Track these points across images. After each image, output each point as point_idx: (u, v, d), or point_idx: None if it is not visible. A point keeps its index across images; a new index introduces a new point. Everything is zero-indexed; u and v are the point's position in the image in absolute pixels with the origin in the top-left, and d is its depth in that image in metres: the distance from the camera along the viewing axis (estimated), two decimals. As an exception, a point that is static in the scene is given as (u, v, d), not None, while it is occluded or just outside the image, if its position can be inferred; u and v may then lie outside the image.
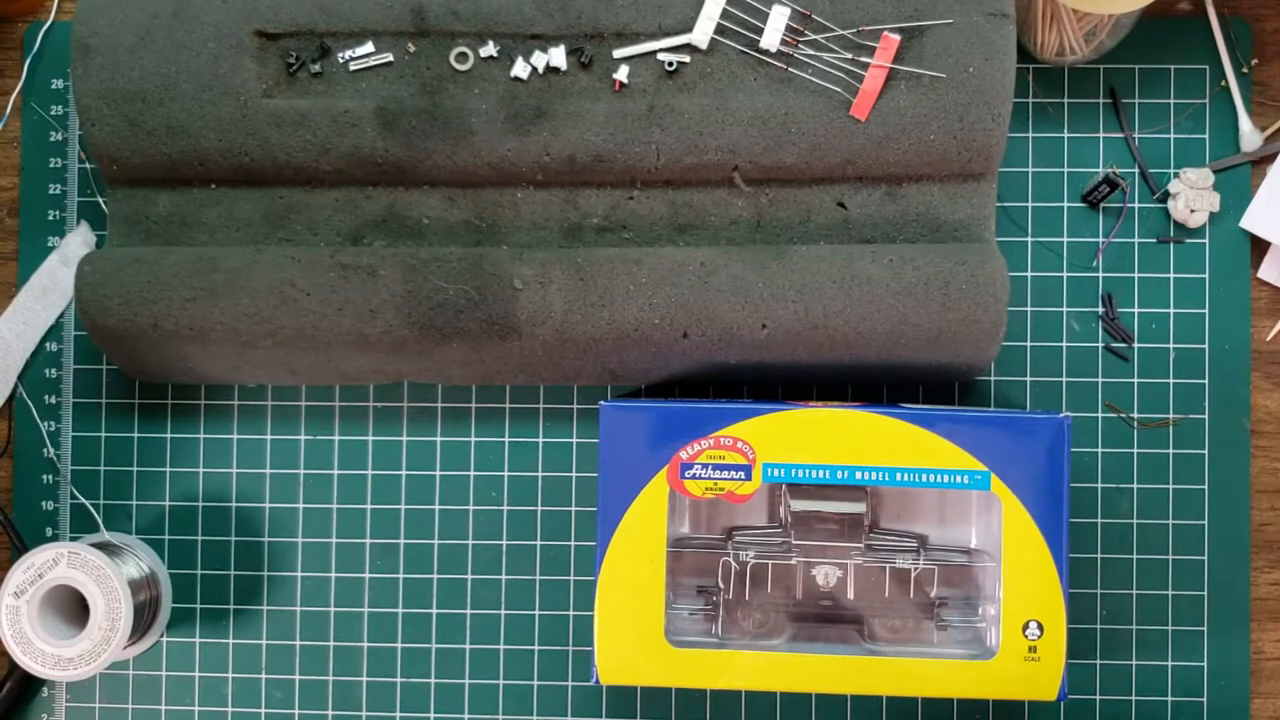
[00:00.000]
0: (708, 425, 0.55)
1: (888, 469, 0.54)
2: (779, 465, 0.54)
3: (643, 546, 0.54)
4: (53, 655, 0.59)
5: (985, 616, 0.56)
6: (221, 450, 0.66)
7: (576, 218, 0.62)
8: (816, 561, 0.57)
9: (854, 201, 0.61)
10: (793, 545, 0.57)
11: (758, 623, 0.57)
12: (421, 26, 0.60)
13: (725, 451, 0.54)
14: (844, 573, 0.57)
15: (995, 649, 0.53)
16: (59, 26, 0.67)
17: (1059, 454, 0.53)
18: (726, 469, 0.54)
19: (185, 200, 0.62)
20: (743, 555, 0.57)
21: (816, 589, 0.57)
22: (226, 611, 0.65)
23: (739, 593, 0.57)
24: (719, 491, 0.54)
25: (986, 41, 0.59)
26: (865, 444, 0.54)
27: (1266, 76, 0.65)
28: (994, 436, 0.53)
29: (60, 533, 0.66)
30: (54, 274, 0.66)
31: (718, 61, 0.60)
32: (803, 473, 0.54)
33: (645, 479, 0.55)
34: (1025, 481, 0.53)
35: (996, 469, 0.53)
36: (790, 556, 0.57)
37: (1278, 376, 0.64)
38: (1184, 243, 0.64)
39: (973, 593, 0.57)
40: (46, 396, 0.66)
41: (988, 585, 0.56)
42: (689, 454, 0.55)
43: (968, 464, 0.53)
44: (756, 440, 0.54)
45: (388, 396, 0.65)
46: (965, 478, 0.53)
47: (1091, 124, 0.65)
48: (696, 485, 0.55)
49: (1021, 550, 0.53)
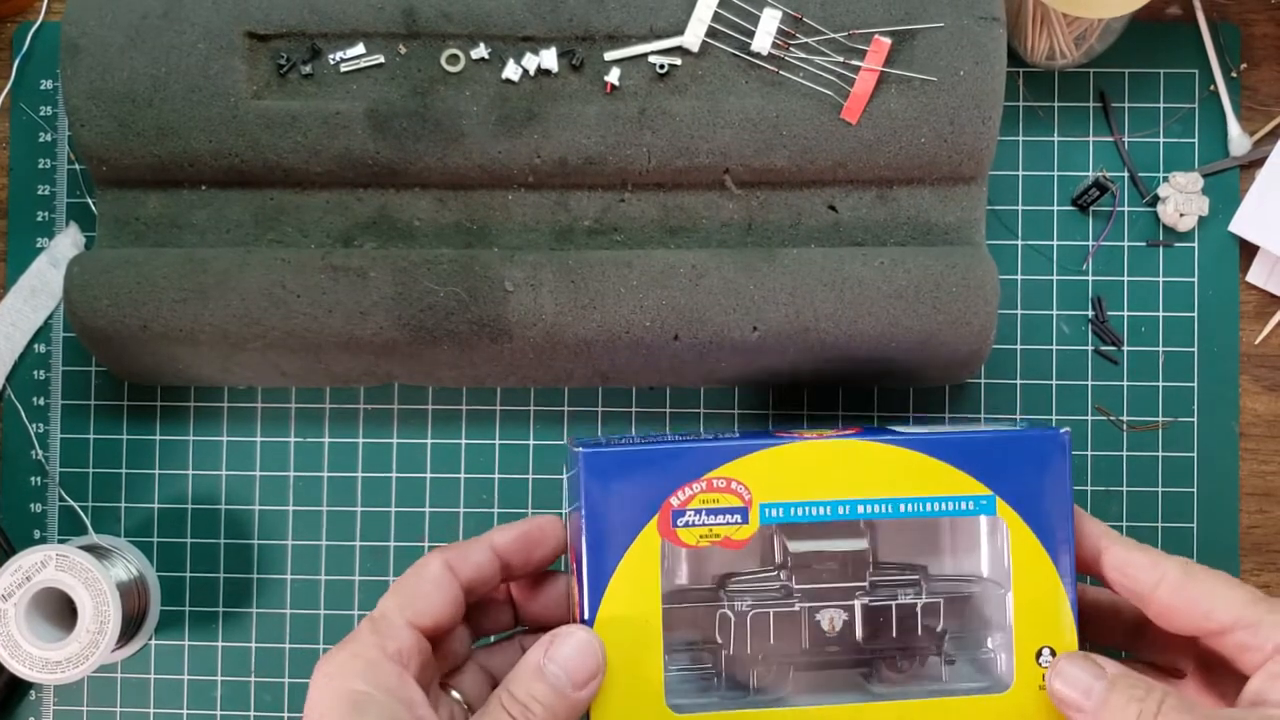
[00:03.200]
0: (698, 466, 0.50)
1: (891, 500, 0.50)
2: (777, 505, 0.50)
3: (636, 607, 0.49)
4: (40, 658, 0.59)
5: (993, 646, 0.53)
6: (211, 452, 0.66)
7: (567, 220, 0.62)
8: (820, 606, 0.53)
9: (845, 204, 0.61)
10: (793, 589, 0.53)
11: (761, 677, 0.53)
12: (412, 28, 0.60)
13: (719, 494, 0.50)
14: (849, 615, 0.53)
15: (1007, 680, 0.51)
16: (48, 27, 0.67)
17: (1062, 472, 0.51)
18: (721, 513, 0.50)
19: (175, 201, 0.62)
20: (739, 605, 0.53)
21: (822, 635, 0.53)
22: (216, 614, 0.65)
23: (739, 647, 0.53)
24: (715, 539, 0.50)
25: (977, 45, 0.59)
26: (865, 475, 0.51)
27: (1255, 81, 0.65)
28: (997, 457, 0.51)
29: (48, 535, 0.66)
30: (43, 275, 0.66)
31: (709, 64, 0.60)
32: (803, 510, 0.50)
33: (636, 529, 0.50)
34: (1031, 502, 0.51)
35: (1001, 491, 0.51)
36: (792, 603, 0.53)
37: (1266, 379, 0.65)
38: (1173, 246, 0.65)
39: (977, 622, 0.54)
40: (35, 398, 0.66)
41: (992, 613, 0.53)
42: (680, 499, 0.50)
43: (971, 489, 0.51)
44: (751, 479, 0.50)
45: (378, 399, 0.65)
46: (970, 504, 0.51)
47: (1081, 128, 0.65)
48: (690, 534, 0.50)
49: (1030, 574, 0.51)
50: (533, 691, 0.46)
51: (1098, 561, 0.51)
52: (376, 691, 0.45)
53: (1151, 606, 0.50)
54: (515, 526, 0.52)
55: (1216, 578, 0.49)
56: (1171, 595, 0.49)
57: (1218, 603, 0.48)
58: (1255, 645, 0.47)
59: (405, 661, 0.47)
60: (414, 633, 0.48)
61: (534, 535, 0.52)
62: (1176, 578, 0.49)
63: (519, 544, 0.52)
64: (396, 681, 0.46)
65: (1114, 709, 0.46)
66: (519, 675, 0.47)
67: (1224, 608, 0.48)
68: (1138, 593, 0.50)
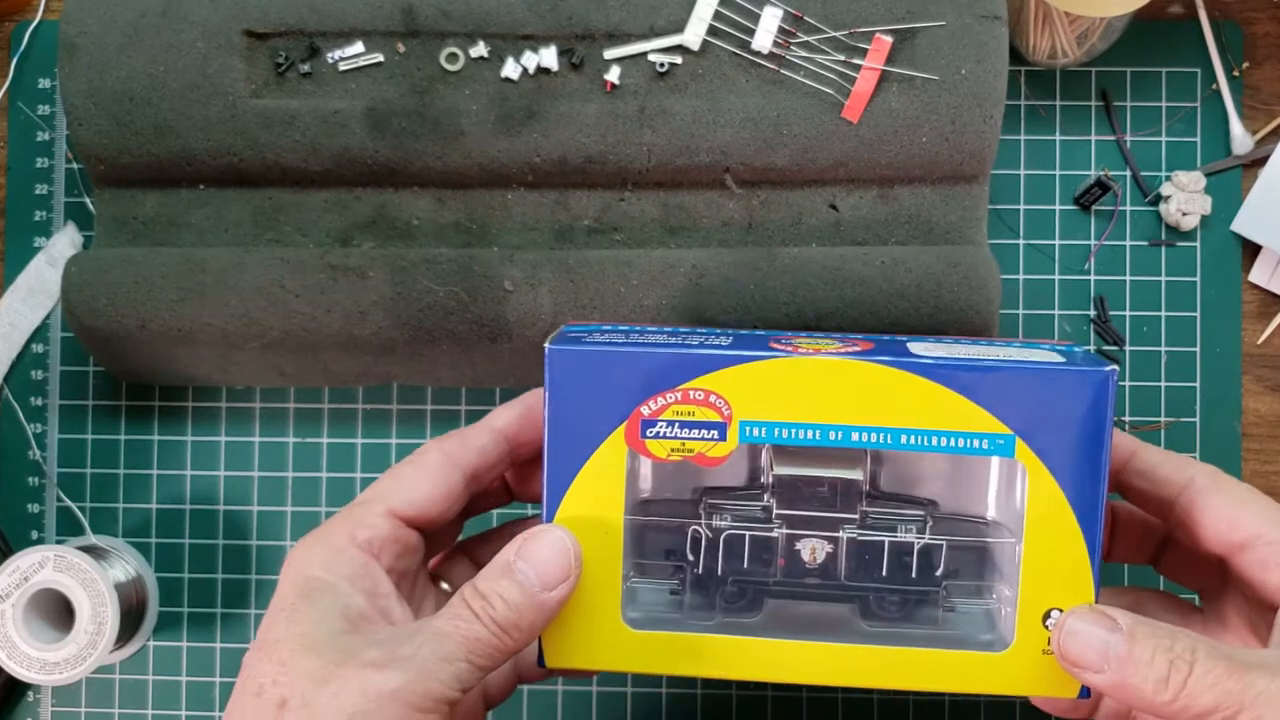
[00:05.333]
0: (675, 375, 0.46)
1: (890, 429, 0.45)
2: (760, 424, 0.46)
3: (597, 514, 0.46)
4: (38, 659, 0.59)
5: (1000, 599, 0.49)
6: (209, 453, 0.65)
7: (567, 219, 0.62)
8: (802, 534, 0.49)
9: (846, 203, 0.61)
10: (775, 514, 0.49)
11: (730, 597, 0.49)
12: (411, 27, 0.60)
13: (695, 407, 0.46)
14: (834, 548, 0.49)
15: (1009, 639, 0.46)
16: (46, 25, 0.66)
17: (1100, 417, 0.44)
18: (696, 427, 0.46)
19: (173, 201, 0.62)
20: (716, 522, 0.49)
21: (802, 565, 0.49)
22: (214, 615, 0.65)
23: (710, 567, 0.49)
24: (687, 453, 0.46)
25: (979, 44, 0.59)
26: (865, 400, 0.45)
27: (1257, 80, 0.65)
28: (1021, 393, 0.45)
29: (46, 536, 0.65)
30: (40, 275, 0.66)
31: (709, 63, 0.60)
32: (788, 432, 0.46)
33: (601, 436, 0.46)
34: (1057, 448, 0.45)
35: (1023, 432, 0.45)
36: (772, 528, 0.49)
37: (1269, 380, 0.64)
38: (1175, 246, 0.65)
39: (987, 572, 0.49)
40: (32, 398, 0.66)
41: (1005, 565, 0.48)
42: (651, 409, 0.46)
43: (988, 425, 0.45)
44: (733, 394, 0.46)
45: (377, 399, 0.65)
46: (984, 442, 0.45)
47: (1084, 126, 0.65)
48: (660, 446, 0.46)
49: (1048, 528, 0.45)
50: (498, 588, 0.44)
51: (1124, 468, 0.48)
52: (334, 579, 0.44)
53: (1175, 512, 0.47)
54: (515, 404, 0.50)
55: (1245, 488, 0.46)
56: (1197, 499, 0.46)
57: (1245, 512, 0.45)
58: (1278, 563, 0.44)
59: (375, 550, 0.45)
60: (392, 521, 0.46)
61: (537, 409, 0.49)
62: (1205, 482, 0.46)
63: (522, 421, 0.49)
64: (359, 570, 0.44)
65: (1139, 664, 0.41)
66: (487, 571, 0.44)
67: (1250, 518, 0.45)
68: (1164, 498, 0.47)
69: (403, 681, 0.41)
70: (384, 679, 0.41)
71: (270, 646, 0.42)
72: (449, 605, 0.44)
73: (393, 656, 0.41)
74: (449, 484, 0.48)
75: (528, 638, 0.44)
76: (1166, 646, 0.41)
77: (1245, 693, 0.40)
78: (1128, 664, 0.41)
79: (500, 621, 0.43)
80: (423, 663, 0.41)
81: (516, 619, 0.44)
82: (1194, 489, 0.46)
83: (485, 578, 0.44)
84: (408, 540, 0.47)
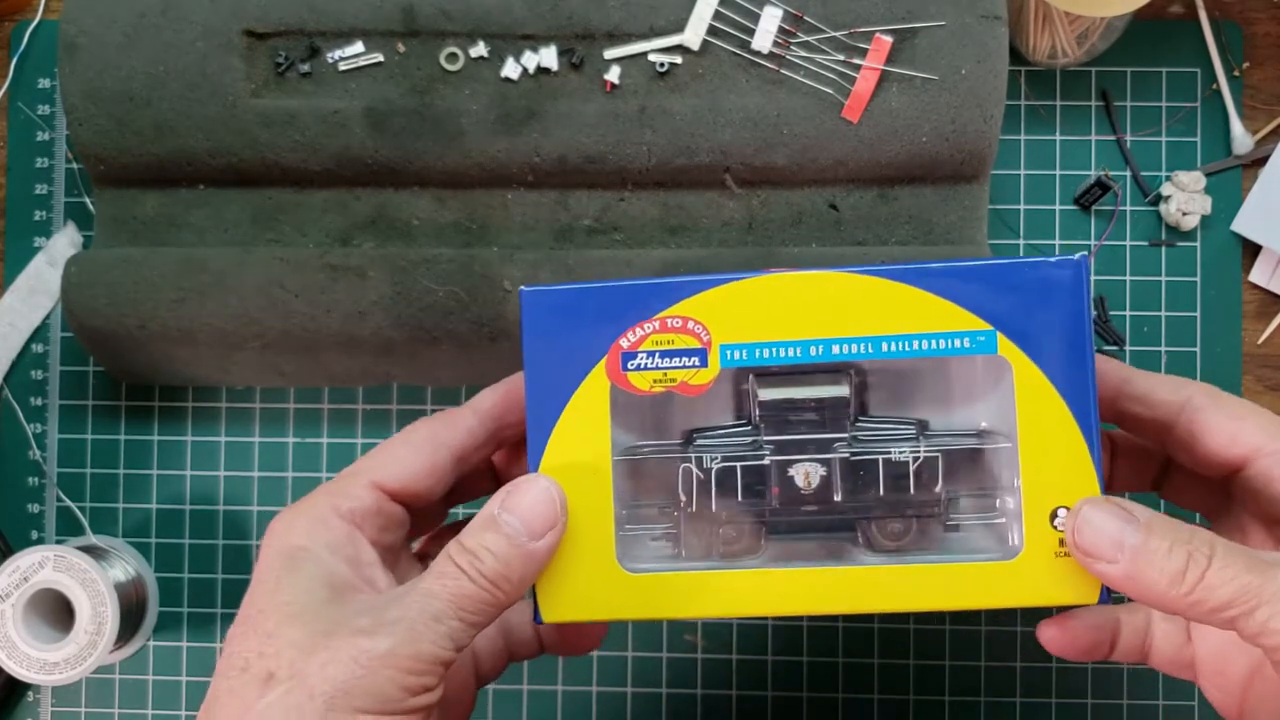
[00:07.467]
0: (651, 304, 0.45)
1: (871, 339, 0.44)
2: (739, 346, 0.45)
3: (583, 456, 0.45)
4: (38, 659, 0.59)
5: (1005, 512, 0.47)
6: (209, 453, 0.65)
7: (567, 219, 0.62)
8: (794, 459, 0.48)
9: (846, 203, 0.61)
10: (764, 442, 0.48)
11: (729, 539, 0.48)
12: (411, 26, 0.60)
13: (674, 334, 0.45)
14: (828, 470, 0.47)
15: (1019, 549, 0.44)
16: (46, 25, 0.66)
17: (1078, 300, 0.44)
18: (677, 355, 0.45)
19: (173, 201, 0.62)
20: (706, 460, 0.48)
21: (797, 492, 0.48)
22: (214, 615, 0.65)
23: (704, 505, 0.48)
24: (670, 383, 0.45)
25: (979, 43, 0.59)
26: (843, 311, 0.44)
27: (1257, 80, 0.65)
28: (997, 288, 0.44)
29: (46, 536, 0.65)
30: (40, 275, 0.66)
31: (709, 63, 0.60)
32: (769, 352, 0.45)
33: (581, 374, 0.45)
34: (1039, 338, 0.44)
35: (1003, 326, 0.44)
36: (763, 455, 0.48)
37: (1269, 379, 0.64)
38: (1175, 246, 0.64)
39: (988, 484, 0.48)
40: (32, 399, 0.66)
41: (1004, 474, 0.47)
42: (631, 340, 0.45)
43: (968, 324, 0.44)
44: (711, 318, 0.45)
45: (377, 399, 0.65)
46: (966, 340, 0.44)
47: (1083, 126, 0.65)
48: (642, 378, 0.45)
49: (1041, 422, 0.44)
50: (484, 541, 0.42)
51: (1119, 395, 0.46)
52: (318, 548, 0.43)
53: (1174, 433, 0.45)
54: (498, 386, 0.49)
55: (1243, 402, 0.45)
56: (1196, 418, 0.45)
57: (1245, 426, 0.44)
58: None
59: (359, 521, 0.44)
60: (376, 494, 0.45)
61: (516, 393, 0.48)
62: (1202, 400, 0.45)
63: (506, 402, 0.48)
64: (343, 539, 0.43)
65: (1155, 556, 0.40)
66: (472, 526, 0.43)
67: (1250, 431, 0.44)
68: (1161, 421, 0.46)
69: (393, 644, 0.40)
70: (374, 644, 0.40)
71: (254, 619, 0.41)
72: (434, 564, 0.43)
73: (381, 621, 0.41)
74: (434, 460, 0.47)
75: (518, 590, 0.43)
76: (1185, 539, 0.40)
77: (1266, 587, 0.39)
78: (1143, 554, 0.40)
79: (489, 575, 0.42)
80: (412, 624, 0.40)
81: (505, 571, 0.42)
82: (1191, 408, 0.45)
83: (470, 533, 0.43)
84: (391, 513, 0.46)
